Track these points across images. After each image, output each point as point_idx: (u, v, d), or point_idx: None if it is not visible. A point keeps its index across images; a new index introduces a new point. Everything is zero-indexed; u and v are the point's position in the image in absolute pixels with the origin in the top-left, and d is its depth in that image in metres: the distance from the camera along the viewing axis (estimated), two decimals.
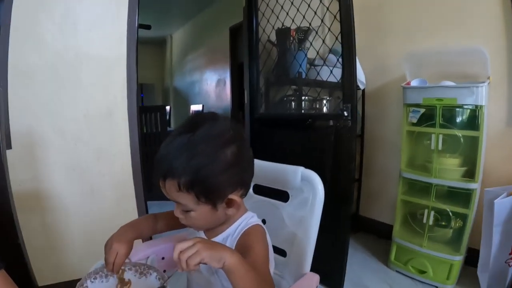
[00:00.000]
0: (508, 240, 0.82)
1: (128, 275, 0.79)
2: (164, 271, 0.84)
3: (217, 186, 0.67)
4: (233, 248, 0.73)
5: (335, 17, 1.87)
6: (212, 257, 0.58)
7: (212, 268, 0.78)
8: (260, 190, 0.96)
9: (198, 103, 5.11)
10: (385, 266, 2.16)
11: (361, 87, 2.43)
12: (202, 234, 0.80)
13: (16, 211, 1.58)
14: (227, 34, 4.29)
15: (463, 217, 1.88)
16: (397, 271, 2.08)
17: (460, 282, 1.92)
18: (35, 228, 1.66)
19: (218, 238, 0.76)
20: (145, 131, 3.33)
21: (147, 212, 1.99)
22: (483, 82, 1.81)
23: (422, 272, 1.97)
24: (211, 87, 5.00)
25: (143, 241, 1.00)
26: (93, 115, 1.72)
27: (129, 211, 1.89)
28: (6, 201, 1.55)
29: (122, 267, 0.78)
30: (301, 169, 0.85)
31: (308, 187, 0.84)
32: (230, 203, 0.71)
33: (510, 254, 0.91)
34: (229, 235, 0.76)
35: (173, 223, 0.90)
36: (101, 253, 0.83)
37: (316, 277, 0.79)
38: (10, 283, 0.63)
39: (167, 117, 4.83)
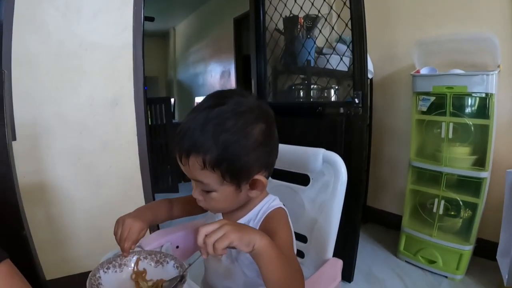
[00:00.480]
0: None
1: (143, 264, 0.74)
2: None
3: (245, 165, 0.62)
4: None
5: (344, 3, 1.83)
6: (242, 239, 0.52)
7: (232, 256, 0.74)
8: (279, 174, 0.91)
9: (203, 95, 4.94)
10: (394, 256, 2.13)
11: (369, 76, 2.38)
12: (220, 218, 0.77)
13: (22, 203, 1.55)
14: (231, 25, 4.23)
15: (473, 207, 1.85)
16: (406, 261, 2.06)
17: (470, 272, 1.90)
18: (40, 221, 1.62)
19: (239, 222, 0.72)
20: (150, 123, 3.28)
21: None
22: (493, 70, 1.77)
23: (432, 262, 1.95)
24: (216, 79, 4.94)
25: (158, 228, 0.97)
26: (98, 104, 1.67)
27: (136, 203, 1.85)
28: (13, 193, 1.51)
29: (137, 256, 0.74)
30: (322, 151, 0.81)
31: (330, 170, 0.80)
32: (254, 184, 0.66)
33: None
34: (250, 219, 0.72)
35: (189, 208, 0.86)
36: (109, 246, 0.79)
37: (339, 262, 0.76)
38: (16, 273, 0.58)
39: (172, 109, 4.78)
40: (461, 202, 1.89)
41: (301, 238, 0.85)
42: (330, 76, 2.21)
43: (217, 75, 4.91)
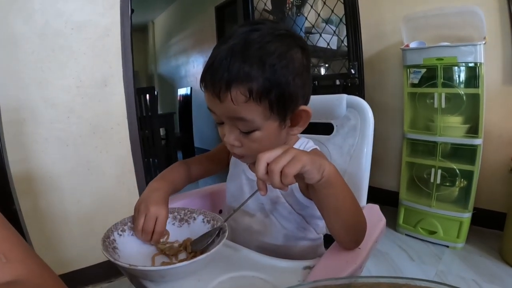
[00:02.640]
0: None
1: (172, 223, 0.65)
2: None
3: (294, 91, 0.55)
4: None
5: None
6: (314, 162, 0.45)
7: (266, 209, 0.68)
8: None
9: (185, 87, 4.89)
10: (393, 231, 2.11)
11: None
12: (249, 172, 0.69)
13: (17, 194, 1.43)
14: (212, 14, 4.14)
15: (469, 174, 1.86)
16: (406, 234, 2.04)
17: (470, 240, 1.91)
18: (28, 213, 1.49)
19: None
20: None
21: None
22: (480, 42, 1.79)
23: (432, 232, 1.94)
24: (198, 69, 4.80)
25: None
26: (86, 85, 1.56)
27: (130, 189, 1.76)
28: (6, 184, 1.39)
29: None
30: (345, 96, 0.76)
31: (355, 114, 0.75)
32: (298, 118, 0.59)
33: None
34: None
35: (209, 166, 0.78)
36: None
37: (376, 207, 0.71)
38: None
39: (156, 100, 4.66)
40: (457, 171, 1.89)
41: None
42: (321, 56, 2.17)
43: (199, 65, 4.79)
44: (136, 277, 0.50)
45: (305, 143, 0.68)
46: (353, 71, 1.61)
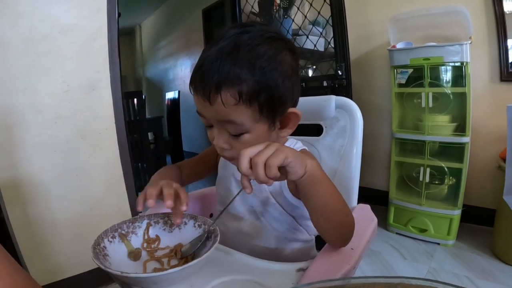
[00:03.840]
0: None
1: (155, 230, 0.64)
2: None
3: (283, 94, 0.56)
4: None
5: None
6: (296, 156, 0.45)
7: (257, 211, 0.67)
8: None
9: (173, 90, 4.82)
10: (384, 230, 2.13)
11: None
12: (238, 175, 0.69)
13: (4, 202, 1.40)
14: (199, 17, 4.14)
15: (458, 172, 1.89)
16: (397, 233, 2.06)
17: (460, 237, 1.94)
18: (17, 222, 1.46)
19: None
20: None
21: (137, 194, 1.84)
22: (466, 41, 1.82)
23: (423, 230, 1.96)
24: (186, 72, 4.80)
25: None
26: (74, 90, 1.53)
27: (119, 195, 1.74)
28: None
29: (147, 220, 0.65)
30: (334, 97, 0.77)
31: (344, 115, 0.76)
32: (288, 120, 0.60)
33: None
34: None
35: (198, 170, 0.78)
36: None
37: (367, 207, 0.71)
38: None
39: (144, 104, 4.63)
40: (446, 169, 1.92)
41: None
42: (308, 58, 2.19)
43: (187, 68, 4.77)
44: (128, 284, 0.49)
45: (294, 143, 0.68)
46: (340, 73, 1.63)
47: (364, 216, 0.67)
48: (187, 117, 4.35)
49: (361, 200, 0.77)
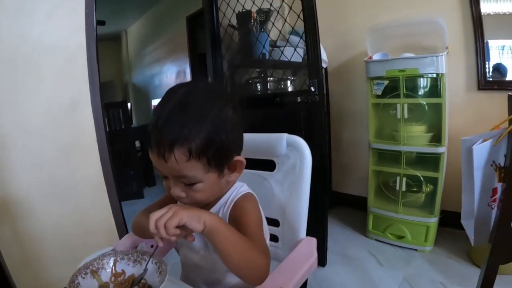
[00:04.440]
0: (488, 184, 0.88)
1: (120, 265, 0.73)
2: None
3: (228, 147, 0.64)
4: (227, 220, 0.70)
5: None
6: (191, 216, 0.56)
7: (209, 245, 0.75)
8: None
9: (159, 97, 4.87)
10: (364, 236, 2.23)
11: (324, 65, 2.46)
12: None
13: None
14: (184, 24, 4.21)
15: (434, 181, 1.98)
16: (376, 240, 2.16)
17: (438, 243, 2.03)
18: (5, 240, 1.51)
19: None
20: (108, 129, 3.19)
21: (121, 208, 1.91)
22: (442, 52, 1.90)
23: (400, 237, 2.06)
24: (171, 79, 4.89)
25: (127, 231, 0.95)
26: (56, 109, 1.60)
27: (103, 208, 1.80)
28: None
29: (114, 258, 0.73)
30: (285, 135, 0.85)
31: (295, 153, 0.84)
32: (234, 166, 0.69)
33: (491, 197, 0.97)
34: (221, 207, 0.73)
35: None
36: (81, 256, 0.77)
37: (313, 240, 0.79)
38: None
39: (129, 113, 4.69)
40: (422, 178, 2.01)
41: (274, 222, 0.88)
42: (286, 68, 2.26)
43: (172, 75, 4.86)
44: None
45: (239, 187, 0.75)
46: (313, 89, 1.70)
47: (305, 252, 0.75)
48: None
49: (341, 206, 0.85)
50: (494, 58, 2.02)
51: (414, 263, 1.92)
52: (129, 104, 4.89)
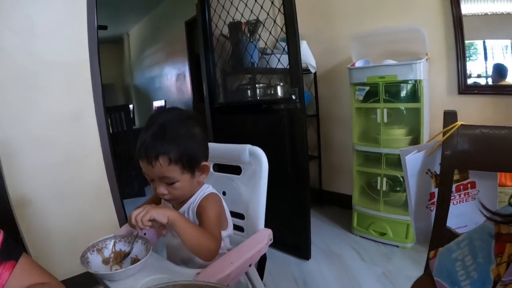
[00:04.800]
0: (426, 189, 1.08)
1: (119, 245, 0.99)
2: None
3: (197, 155, 0.92)
4: (194, 213, 0.97)
5: (279, 10, 2.11)
6: (158, 213, 0.82)
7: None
8: (219, 168, 1.21)
9: (160, 99, 5.26)
10: (349, 232, 2.46)
11: (312, 70, 2.70)
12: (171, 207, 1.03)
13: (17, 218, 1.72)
14: (183, 28, 4.45)
15: None
16: (360, 236, 2.39)
17: None
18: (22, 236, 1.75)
19: (183, 208, 0.99)
20: (111, 132, 3.45)
21: (123, 207, 2.15)
22: (421, 58, 2.08)
23: (383, 234, 2.27)
24: (172, 81, 5.16)
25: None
26: (59, 120, 1.84)
27: (107, 209, 2.05)
28: (5, 201, 1.68)
29: (114, 240, 0.99)
30: (248, 146, 1.09)
31: (255, 160, 1.08)
32: (203, 169, 0.95)
33: (429, 200, 1.17)
34: (191, 203, 0.99)
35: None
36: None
37: (268, 231, 1.03)
38: (35, 264, 0.75)
39: (131, 115, 4.95)
40: (401, 178, 2.21)
41: (240, 216, 1.13)
42: (273, 74, 2.50)
43: (173, 77, 5.13)
44: (101, 279, 0.85)
45: (205, 188, 1.01)
46: (294, 97, 1.93)
47: (258, 239, 0.98)
48: None
49: (330, 204, 1.06)
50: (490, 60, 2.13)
51: (394, 258, 2.12)
52: (131, 106, 5.17)
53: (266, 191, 1.07)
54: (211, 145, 1.04)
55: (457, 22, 2.15)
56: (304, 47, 2.64)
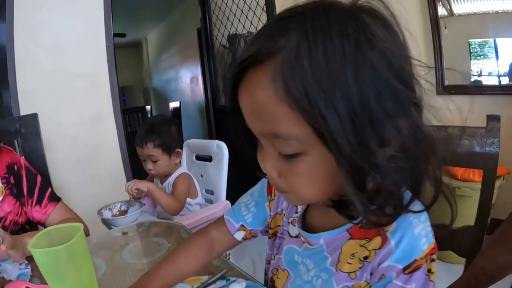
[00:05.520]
0: None
1: (123, 207, 1.50)
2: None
3: (172, 143, 1.46)
4: (171, 186, 1.49)
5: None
6: (140, 184, 1.36)
7: None
8: (197, 157, 1.76)
9: (176, 100, 5.81)
10: None
11: None
12: (158, 183, 1.60)
13: None
14: (195, 34, 4.89)
15: None
16: None
17: None
18: None
19: (165, 182, 1.52)
20: (129, 131, 4.05)
21: None
22: None
23: None
24: (186, 84, 5.69)
25: None
26: (85, 121, 2.38)
27: (122, 195, 2.57)
28: None
29: (120, 203, 1.49)
30: (216, 141, 1.60)
31: (220, 151, 1.59)
32: (177, 154, 1.49)
33: None
34: (170, 179, 1.51)
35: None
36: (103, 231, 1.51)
37: (226, 202, 1.54)
38: (69, 209, 1.33)
39: (149, 115, 5.57)
40: None
41: (211, 192, 1.67)
42: None
43: (187, 80, 5.66)
44: (109, 224, 1.36)
45: (181, 170, 1.53)
46: None
47: (215, 206, 1.51)
48: (187, 124, 5.29)
49: None
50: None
51: None
52: (148, 107, 5.79)
53: (228, 174, 1.62)
54: (193, 140, 1.59)
55: (434, 23, 2.40)
56: None
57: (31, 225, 1.19)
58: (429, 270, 0.48)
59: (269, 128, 0.43)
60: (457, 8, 2.39)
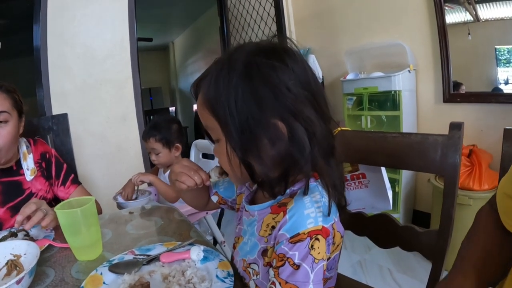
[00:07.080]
0: None
1: (134, 195, 1.76)
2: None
3: (172, 139, 1.73)
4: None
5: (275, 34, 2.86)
6: (144, 177, 1.65)
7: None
8: (204, 156, 2.06)
9: None
10: None
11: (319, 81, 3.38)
12: (162, 172, 1.90)
13: None
14: (218, 41, 4.90)
15: (394, 181, 2.62)
16: None
17: None
18: None
19: (167, 173, 1.79)
20: None
21: None
22: (400, 71, 2.55)
23: None
24: None
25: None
26: (112, 121, 2.70)
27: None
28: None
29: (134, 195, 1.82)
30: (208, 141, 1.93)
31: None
32: (177, 148, 1.76)
33: None
34: (169, 171, 1.78)
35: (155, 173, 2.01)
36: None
37: None
38: (87, 191, 1.59)
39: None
40: None
41: None
42: None
43: None
44: (122, 207, 1.64)
45: (179, 160, 1.83)
46: None
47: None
48: None
49: None
50: None
51: (374, 250, 2.48)
52: (173, 108, 6.12)
53: None
54: (200, 141, 1.90)
55: (441, 32, 2.45)
56: (312, 60, 3.27)
57: (57, 202, 1.46)
58: (311, 246, 0.62)
59: (205, 123, 0.72)
60: (484, 14, 2.32)
